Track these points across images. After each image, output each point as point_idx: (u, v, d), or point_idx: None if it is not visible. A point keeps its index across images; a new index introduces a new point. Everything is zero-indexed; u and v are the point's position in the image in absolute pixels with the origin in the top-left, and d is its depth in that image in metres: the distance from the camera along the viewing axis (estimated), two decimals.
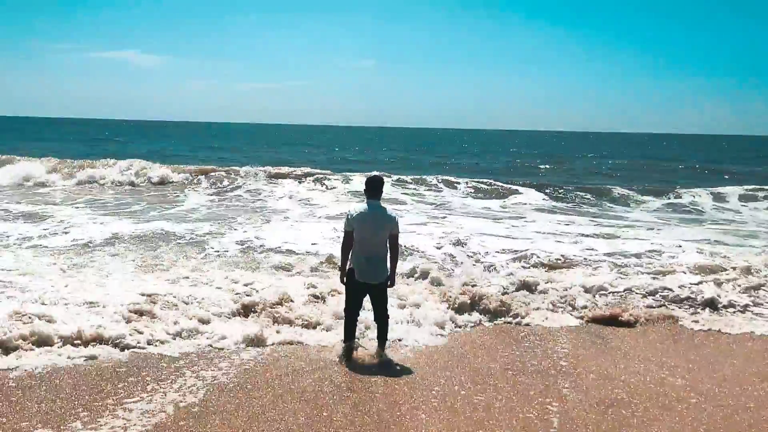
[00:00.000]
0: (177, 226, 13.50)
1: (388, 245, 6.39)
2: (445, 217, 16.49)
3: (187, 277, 8.90)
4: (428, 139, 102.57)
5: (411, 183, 24.45)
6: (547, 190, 23.23)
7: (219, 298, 7.83)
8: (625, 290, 9.15)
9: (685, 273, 9.87)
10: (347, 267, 6.43)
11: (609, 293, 9.03)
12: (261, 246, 11.64)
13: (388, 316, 6.58)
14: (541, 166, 39.84)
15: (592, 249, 11.88)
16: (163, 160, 28.64)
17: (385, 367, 6.28)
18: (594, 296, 8.92)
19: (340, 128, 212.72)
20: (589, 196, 22.64)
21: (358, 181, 22.95)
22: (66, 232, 12.49)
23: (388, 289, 6.55)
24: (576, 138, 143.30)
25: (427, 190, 23.36)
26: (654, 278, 9.62)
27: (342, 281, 6.55)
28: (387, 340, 6.62)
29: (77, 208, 16.51)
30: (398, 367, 6.30)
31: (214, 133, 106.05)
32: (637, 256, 11.30)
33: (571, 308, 8.48)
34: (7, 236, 11.87)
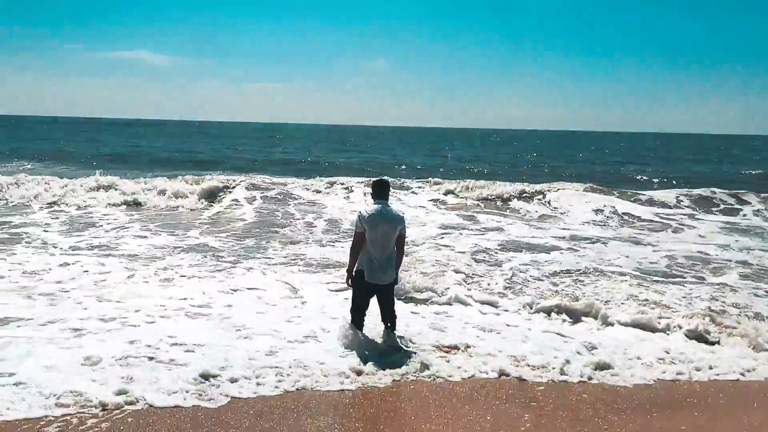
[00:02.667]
0: None
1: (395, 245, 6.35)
2: None
3: None
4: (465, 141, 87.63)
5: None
6: None
7: None
8: None
9: None
10: (354, 268, 6.35)
11: None
12: None
13: (395, 317, 6.55)
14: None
15: None
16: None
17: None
18: None
19: (356, 127, 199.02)
20: None
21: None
22: None
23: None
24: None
25: None
26: None
27: (348, 283, 6.50)
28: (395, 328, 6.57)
29: None
30: (409, 367, 6.21)
31: (233, 132, 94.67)
32: None
33: None
34: None
